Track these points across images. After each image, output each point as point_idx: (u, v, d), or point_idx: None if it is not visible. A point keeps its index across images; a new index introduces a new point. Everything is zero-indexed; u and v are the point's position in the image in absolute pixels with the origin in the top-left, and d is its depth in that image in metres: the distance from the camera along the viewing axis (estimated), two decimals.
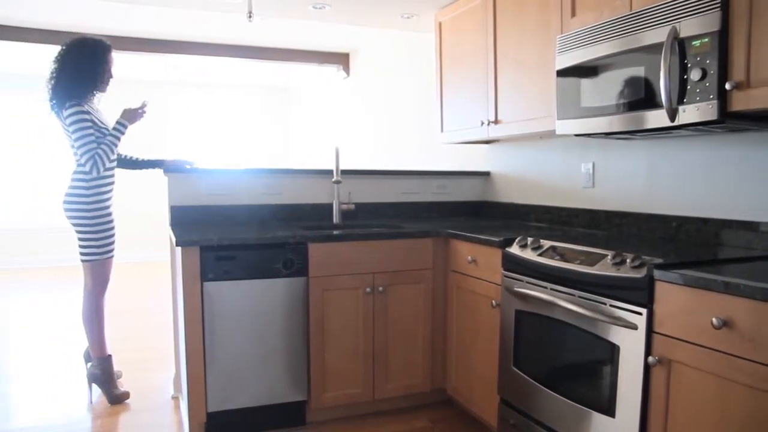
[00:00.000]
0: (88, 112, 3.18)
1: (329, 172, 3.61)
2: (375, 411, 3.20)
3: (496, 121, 3.29)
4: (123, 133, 3.27)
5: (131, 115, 3.30)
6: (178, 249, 2.76)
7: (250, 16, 4.02)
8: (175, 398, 3.44)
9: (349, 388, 3.04)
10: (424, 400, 3.30)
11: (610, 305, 2.00)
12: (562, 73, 2.58)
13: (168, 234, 3.33)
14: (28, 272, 7.98)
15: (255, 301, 2.84)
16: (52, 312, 5.70)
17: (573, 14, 2.65)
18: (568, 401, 2.21)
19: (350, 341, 3.01)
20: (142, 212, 8.15)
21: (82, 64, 3.22)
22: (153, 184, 7.12)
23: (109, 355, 3.45)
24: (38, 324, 5.31)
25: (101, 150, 3.18)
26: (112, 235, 3.38)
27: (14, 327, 5.30)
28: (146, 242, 8.25)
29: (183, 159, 3.52)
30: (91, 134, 3.16)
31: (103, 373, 3.41)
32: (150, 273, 7.61)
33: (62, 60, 3.24)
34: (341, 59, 6.88)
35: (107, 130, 3.28)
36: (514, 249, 2.57)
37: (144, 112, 3.36)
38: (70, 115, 3.14)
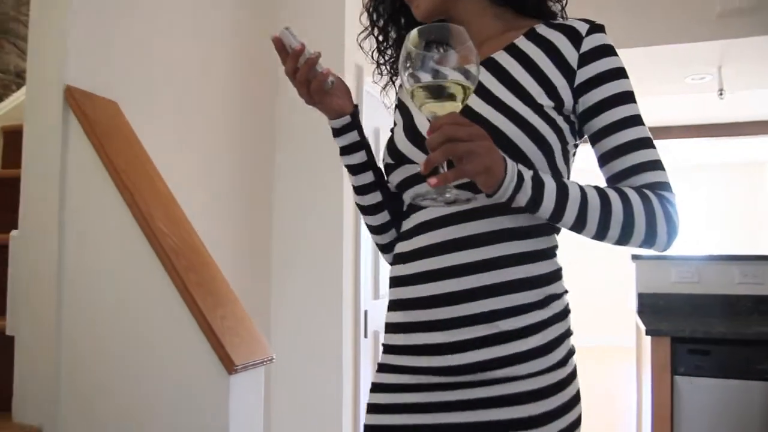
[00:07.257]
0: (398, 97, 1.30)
1: None
2: None
3: None
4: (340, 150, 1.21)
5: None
6: (647, 338, 2.72)
7: (720, 94, 3.84)
8: None
9: None
10: None
11: None
12: None
13: (634, 320, 3.31)
14: None
15: (729, 404, 2.56)
16: None
17: None
18: None
19: None
20: (605, 294, 8.28)
21: None
22: (615, 266, 7.24)
23: None
24: None
25: None
26: None
27: None
28: (609, 325, 8.25)
29: None
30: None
31: None
32: (611, 357, 7.62)
33: None
34: None
35: None
36: None
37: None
38: None
